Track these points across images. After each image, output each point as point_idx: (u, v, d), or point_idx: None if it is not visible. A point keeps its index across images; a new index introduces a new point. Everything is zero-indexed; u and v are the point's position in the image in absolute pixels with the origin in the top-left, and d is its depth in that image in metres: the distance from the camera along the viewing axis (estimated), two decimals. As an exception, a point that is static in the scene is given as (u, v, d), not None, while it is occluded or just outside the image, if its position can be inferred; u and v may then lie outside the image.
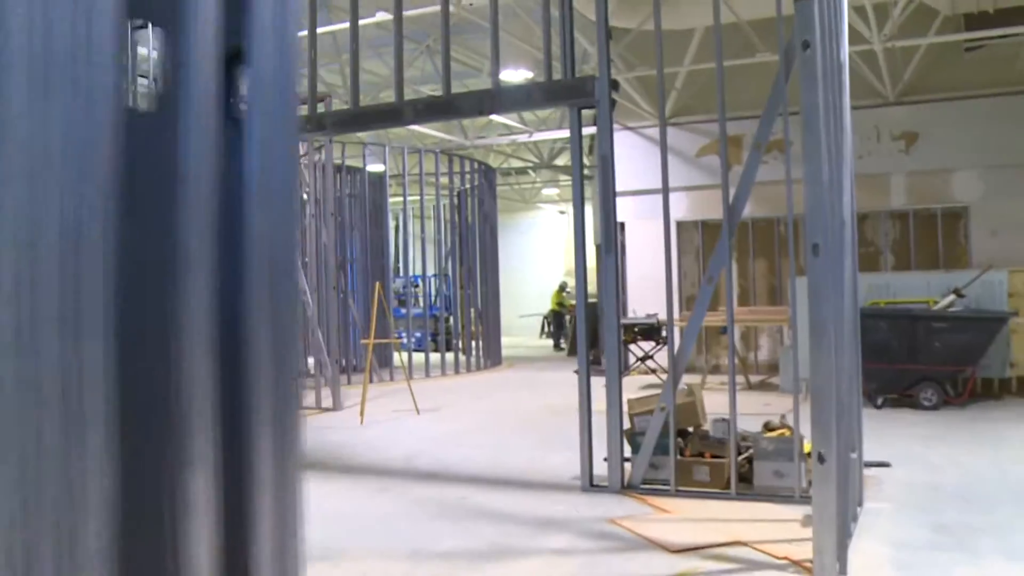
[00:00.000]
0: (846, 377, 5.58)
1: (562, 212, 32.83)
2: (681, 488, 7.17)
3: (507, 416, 11.99)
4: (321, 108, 11.83)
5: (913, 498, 6.80)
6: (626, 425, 7.76)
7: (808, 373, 5.13)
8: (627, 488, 7.35)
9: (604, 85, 7.39)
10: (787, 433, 7.51)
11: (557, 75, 7.66)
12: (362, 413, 11.72)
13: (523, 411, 12.47)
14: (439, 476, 8.10)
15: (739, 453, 7.27)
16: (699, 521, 6.38)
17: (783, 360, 14.32)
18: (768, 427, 7.87)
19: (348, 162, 17.50)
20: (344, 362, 18.02)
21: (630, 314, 17.60)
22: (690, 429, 7.69)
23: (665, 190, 7.52)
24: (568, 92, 7.56)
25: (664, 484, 7.29)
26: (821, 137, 5.00)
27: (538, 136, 18.98)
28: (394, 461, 8.87)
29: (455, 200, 18.67)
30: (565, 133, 18.52)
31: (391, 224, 27.30)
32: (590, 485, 7.47)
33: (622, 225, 17.85)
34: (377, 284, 11.99)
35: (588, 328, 7.98)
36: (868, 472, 7.19)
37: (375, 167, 18.72)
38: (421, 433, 10.63)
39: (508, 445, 9.74)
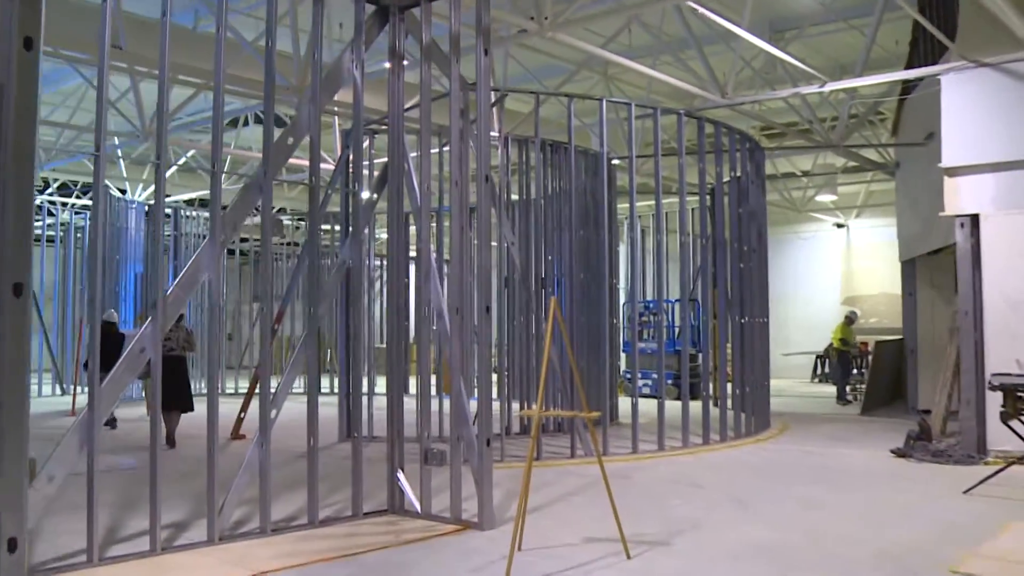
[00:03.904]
0: None
1: (840, 225, 25.19)
2: None
3: (809, 579, 5.49)
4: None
5: None
6: None
7: None
8: None
9: None
10: None
11: None
12: (514, 547, 5.66)
13: (832, 559, 5.91)
14: None
15: None
16: None
17: None
18: None
19: (545, 133, 11.65)
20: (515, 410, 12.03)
21: (991, 360, 10.37)
22: None
23: None
24: None
25: None
26: None
27: (837, 85, 12.02)
28: None
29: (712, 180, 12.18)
30: (866, 81, 11.64)
31: (625, 231, 21.17)
32: None
33: (973, 219, 10.65)
34: (552, 301, 5.91)
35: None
36: None
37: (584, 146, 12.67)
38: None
39: None
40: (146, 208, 17.88)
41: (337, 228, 18.32)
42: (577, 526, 6.88)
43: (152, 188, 20.59)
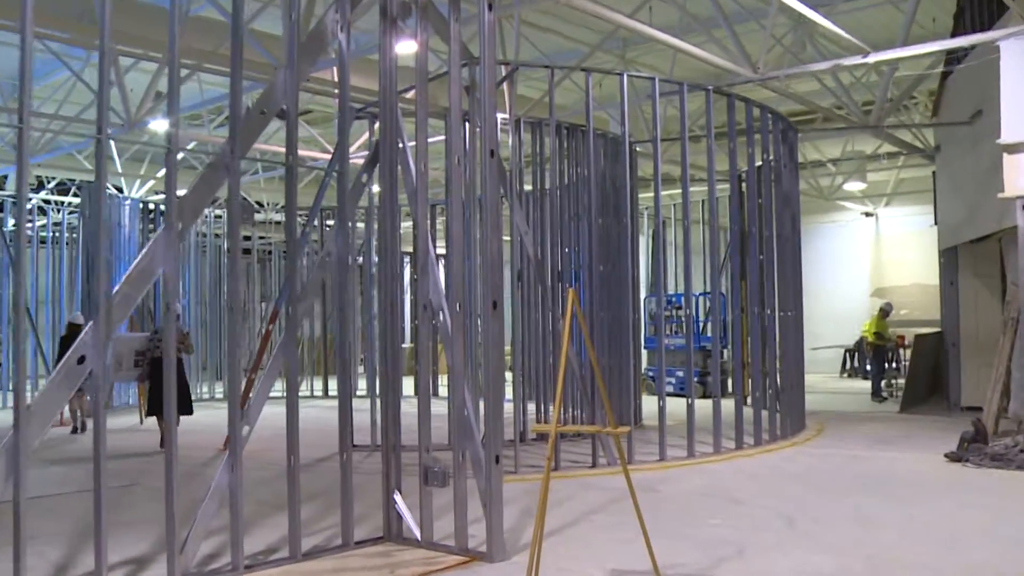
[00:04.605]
0: None
1: (869, 214, 23.99)
2: None
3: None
4: None
5: None
6: None
7: None
8: None
9: None
10: None
11: None
12: (526, 600, 4.66)
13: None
14: None
15: None
16: None
17: None
18: None
19: (563, 115, 10.58)
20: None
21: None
22: None
23: None
24: None
25: None
26: None
27: (882, 56, 10.82)
28: None
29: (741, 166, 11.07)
30: (914, 50, 10.56)
31: (645, 222, 20.00)
32: None
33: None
34: (569, 293, 4.89)
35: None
36: None
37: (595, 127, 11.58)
38: None
39: None
40: (140, 204, 16.95)
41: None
42: (601, 553, 5.86)
43: (150, 184, 19.73)
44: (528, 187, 12.57)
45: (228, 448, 10.97)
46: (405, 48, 6.85)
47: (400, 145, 6.29)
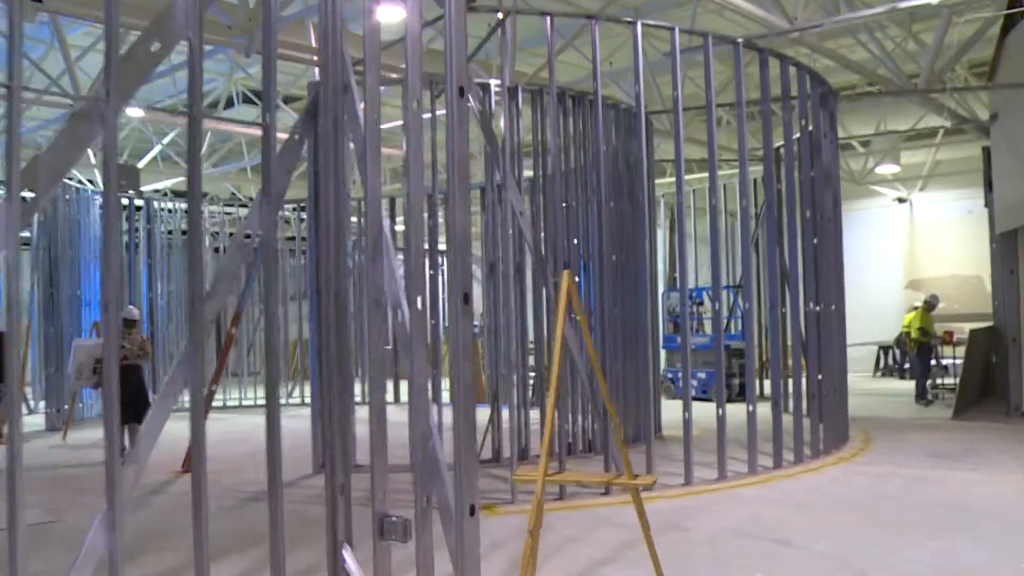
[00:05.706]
0: None
1: (902, 199, 22.26)
2: None
3: None
4: None
5: None
6: None
7: None
8: None
9: None
10: None
11: None
12: None
13: None
14: None
15: None
16: None
17: None
18: None
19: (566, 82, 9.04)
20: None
21: None
22: None
23: None
24: None
25: None
26: None
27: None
28: None
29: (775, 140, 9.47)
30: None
31: (663, 213, 18.35)
32: None
33: None
34: (565, 274, 3.37)
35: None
36: None
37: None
38: None
39: None
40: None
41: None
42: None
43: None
44: (528, 172, 11.07)
45: (187, 470, 9.62)
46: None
47: (347, 91, 4.78)
